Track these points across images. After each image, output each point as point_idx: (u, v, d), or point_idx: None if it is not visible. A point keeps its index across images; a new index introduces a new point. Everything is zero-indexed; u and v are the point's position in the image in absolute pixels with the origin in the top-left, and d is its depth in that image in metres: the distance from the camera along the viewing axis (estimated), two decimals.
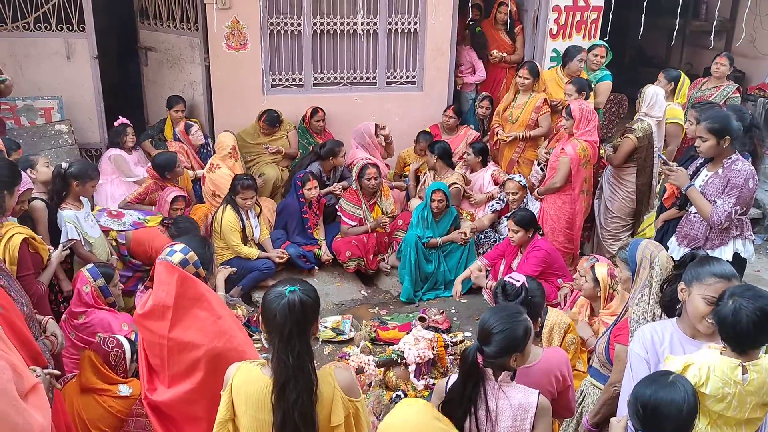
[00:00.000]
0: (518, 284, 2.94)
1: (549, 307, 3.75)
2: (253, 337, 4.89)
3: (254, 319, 5.13)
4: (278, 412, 2.17)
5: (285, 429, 2.16)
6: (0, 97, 5.59)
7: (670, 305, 2.86)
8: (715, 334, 2.49)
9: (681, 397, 2.14)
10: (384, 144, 6.48)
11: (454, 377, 2.54)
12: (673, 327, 2.75)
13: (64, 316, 3.82)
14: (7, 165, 3.63)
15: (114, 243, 4.95)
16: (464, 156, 6.41)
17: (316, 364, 4.18)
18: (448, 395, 2.47)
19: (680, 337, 2.69)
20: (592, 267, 4.09)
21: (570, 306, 4.51)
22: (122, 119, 6.17)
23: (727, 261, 3.98)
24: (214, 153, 6.19)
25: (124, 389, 3.25)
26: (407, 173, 6.64)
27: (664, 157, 4.51)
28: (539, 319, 3.16)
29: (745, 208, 4.02)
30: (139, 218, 4.99)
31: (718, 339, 2.46)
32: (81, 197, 4.61)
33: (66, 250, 4.13)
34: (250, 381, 2.23)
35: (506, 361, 2.40)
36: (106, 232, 4.92)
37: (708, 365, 2.35)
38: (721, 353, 2.39)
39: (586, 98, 5.65)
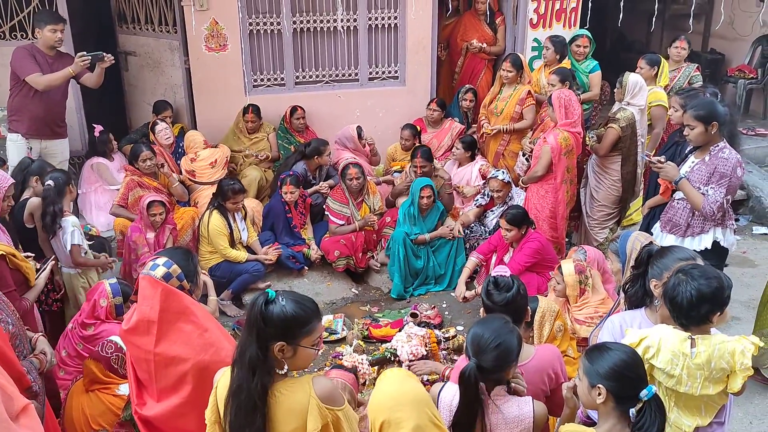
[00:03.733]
0: (508, 276, 2.89)
1: (538, 296, 3.76)
2: None
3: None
4: (229, 399, 2.17)
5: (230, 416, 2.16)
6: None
7: (635, 305, 2.90)
8: None
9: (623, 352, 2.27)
10: (369, 154, 6.53)
11: (449, 386, 2.50)
12: (642, 317, 2.84)
13: (70, 325, 3.78)
14: None
15: None
16: (453, 150, 6.40)
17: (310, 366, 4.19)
18: (456, 419, 2.38)
19: (648, 325, 2.76)
20: (559, 266, 4.12)
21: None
22: (98, 127, 6.13)
23: (706, 249, 4.04)
24: (185, 153, 6.21)
25: (124, 388, 3.31)
26: (395, 168, 6.63)
27: (650, 156, 4.49)
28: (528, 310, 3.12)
29: (731, 196, 4.04)
30: None
31: None
32: None
33: (47, 267, 4.08)
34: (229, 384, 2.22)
35: (503, 375, 2.37)
36: None
37: (659, 337, 2.47)
38: (674, 327, 2.50)
39: (570, 87, 5.66)
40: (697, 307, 2.42)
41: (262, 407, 2.13)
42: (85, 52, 5.24)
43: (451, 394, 2.49)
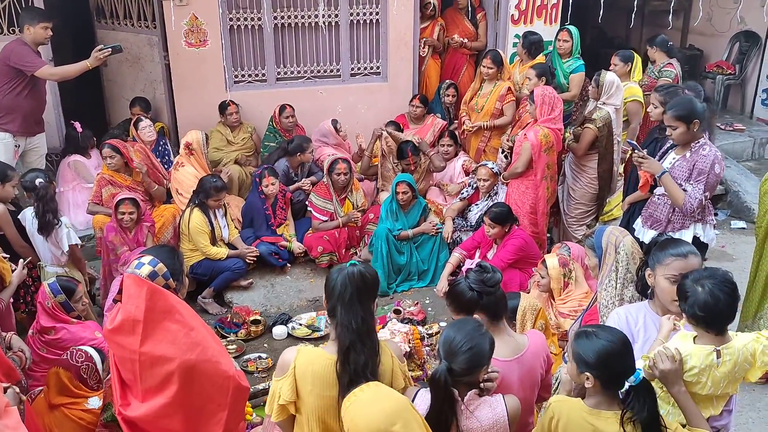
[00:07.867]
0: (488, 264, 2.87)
1: (521, 293, 3.79)
2: (227, 339, 4.87)
3: (227, 320, 5.09)
4: (344, 377, 2.21)
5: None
6: None
7: (646, 288, 2.95)
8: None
9: (609, 342, 2.29)
10: (350, 148, 6.52)
11: (422, 394, 2.44)
12: (646, 308, 2.88)
13: (31, 331, 3.73)
14: None
15: None
16: (439, 148, 6.41)
17: None
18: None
19: (653, 317, 2.82)
20: (543, 261, 4.15)
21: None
22: (76, 124, 6.04)
23: None
24: (173, 152, 6.14)
25: (93, 402, 3.18)
26: (375, 163, 6.62)
27: (635, 144, 4.51)
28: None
29: (710, 193, 4.08)
30: None
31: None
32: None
33: (21, 267, 4.02)
34: (314, 359, 2.28)
35: (475, 377, 2.34)
36: None
37: (684, 355, 2.45)
38: (694, 342, 2.48)
39: (547, 83, 5.68)
40: (735, 303, 2.44)
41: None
42: (103, 45, 5.19)
43: (425, 405, 2.36)
